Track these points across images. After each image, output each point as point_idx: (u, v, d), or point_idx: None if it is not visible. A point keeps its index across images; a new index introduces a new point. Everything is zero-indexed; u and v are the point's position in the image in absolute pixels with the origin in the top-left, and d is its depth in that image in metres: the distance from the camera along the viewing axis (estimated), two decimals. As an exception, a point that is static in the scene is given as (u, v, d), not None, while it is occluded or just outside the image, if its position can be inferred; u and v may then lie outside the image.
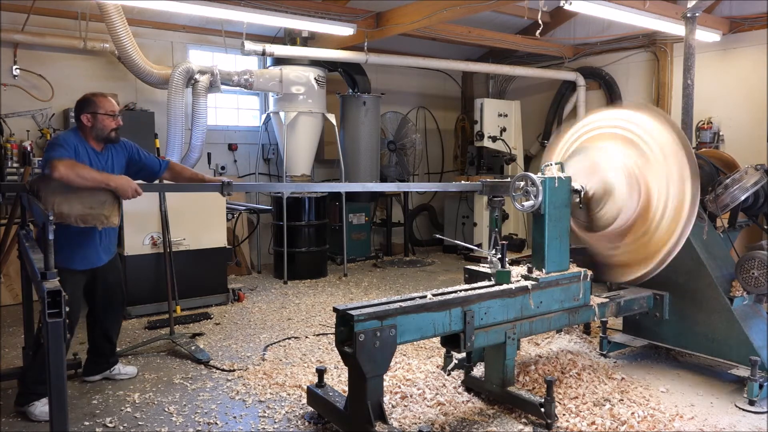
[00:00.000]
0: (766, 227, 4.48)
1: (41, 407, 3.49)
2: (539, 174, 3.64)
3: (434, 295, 3.25)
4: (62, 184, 3.35)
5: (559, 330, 4.88)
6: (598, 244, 4.02)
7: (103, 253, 3.81)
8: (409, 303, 3.10)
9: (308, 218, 7.39)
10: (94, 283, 3.88)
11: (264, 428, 3.41)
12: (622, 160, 3.78)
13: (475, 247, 6.48)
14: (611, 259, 3.96)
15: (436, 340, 3.74)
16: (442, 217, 9.70)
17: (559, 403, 3.55)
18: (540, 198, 3.54)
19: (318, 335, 5.10)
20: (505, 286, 3.46)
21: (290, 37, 7.30)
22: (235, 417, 3.53)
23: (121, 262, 5.30)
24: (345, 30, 6.51)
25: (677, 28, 6.11)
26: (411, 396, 3.73)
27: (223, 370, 4.28)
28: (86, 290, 3.87)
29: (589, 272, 3.79)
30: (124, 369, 4.15)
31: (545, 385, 3.36)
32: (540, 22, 5.32)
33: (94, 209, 3.51)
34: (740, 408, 3.61)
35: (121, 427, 3.41)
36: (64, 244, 3.50)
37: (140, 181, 3.71)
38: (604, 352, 4.46)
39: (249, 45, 6.60)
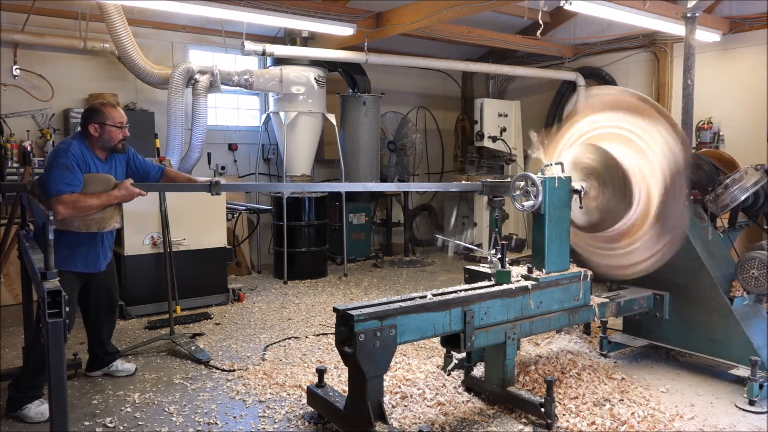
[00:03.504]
0: (766, 227, 4.48)
1: (35, 408, 3.50)
2: (539, 174, 3.64)
3: (434, 295, 3.25)
4: None
5: (559, 330, 4.88)
6: (595, 245, 4.01)
7: (102, 258, 3.83)
8: (409, 303, 3.10)
9: (308, 218, 7.38)
10: (89, 288, 3.90)
11: (264, 428, 3.41)
12: (623, 157, 3.76)
13: (475, 247, 6.48)
14: (611, 259, 3.96)
15: (436, 340, 3.74)
16: (442, 217, 9.70)
17: (559, 403, 3.55)
18: (540, 198, 3.54)
19: (318, 335, 5.10)
20: (505, 286, 3.46)
21: (290, 37, 7.30)
22: (235, 417, 3.53)
23: (121, 262, 5.35)
24: (345, 30, 6.51)
25: (677, 28, 6.11)
26: (411, 396, 3.73)
27: (223, 370, 4.28)
28: (80, 294, 3.88)
29: (589, 272, 3.79)
30: (122, 366, 4.18)
31: (545, 385, 3.36)
32: (540, 22, 5.32)
33: (95, 215, 3.56)
34: (740, 408, 3.61)
35: (121, 427, 3.41)
36: (65, 245, 3.52)
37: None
38: (604, 352, 4.46)
39: (249, 45, 6.60)
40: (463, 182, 6.87)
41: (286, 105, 7.33)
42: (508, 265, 3.60)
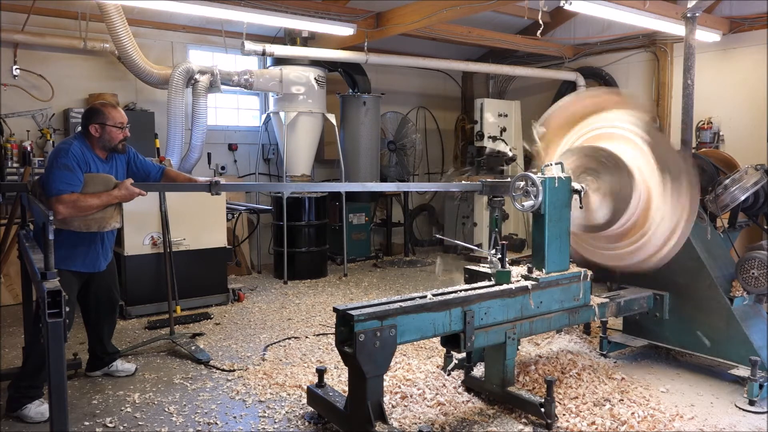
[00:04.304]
0: (766, 227, 4.48)
1: (35, 408, 3.50)
2: (539, 174, 3.64)
3: (434, 295, 3.25)
4: None
5: (559, 330, 4.88)
6: (597, 245, 4.01)
7: (102, 258, 3.83)
8: (409, 303, 3.10)
9: (308, 218, 7.39)
10: (90, 287, 3.90)
11: (264, 428, 3.41)
12: (628, 160, 3.75)
13: (475, 247, 6.48)
14: (608, 260, 3.96)
15: (436, 340, 3.74)
16: (442, 217, 9.70)
17: (559, 403, 3.55)
18: (540, 198, 3.54)
19: (318, 335, 5.10)
20: (505, 286, 3.46)
21: (290, 37, 7.30)
22: (235, 417, 3.53)
23: (121, 262, 5.35)
24: (345, 30, 6.51)
25: (677, 28, 6.12)
26: (411, 396, 3.73)
27: (223, 370, 4.28)
28: (80, 293, 3.88)
29: (589, 272, 3.79)
30: (122, 366, 4.18)
31: (545, 385, 3.36)
32: (540, 22, 5.32)
33: (95, 215, 3.57)
34: (740, 408, 3.61)
35: (121, 427, 3.41)
36: (65, 244, 3.52)
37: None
38: (604, 352, 4.46)
39: (249, 45, 6.60)
40: (463, 182, 6.88)
41: (286, 105, 7.33)
42: (508, 265, 3.60)
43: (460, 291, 3.38)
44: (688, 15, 5.00)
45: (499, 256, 3.60)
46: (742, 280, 3.87)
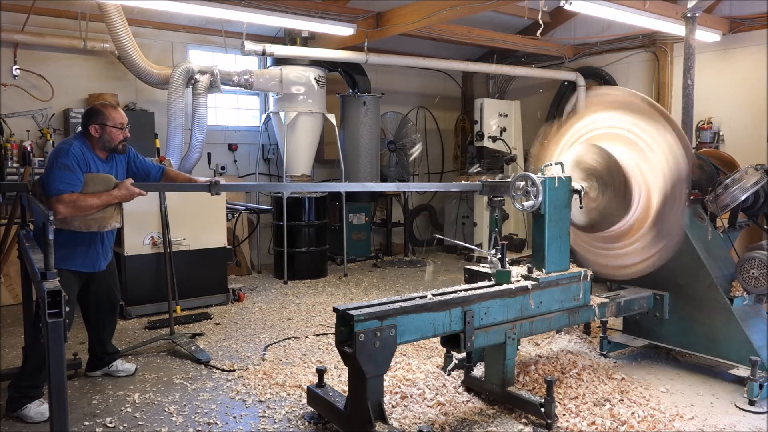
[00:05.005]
0: (766, 227, 4.48)
1: (35, 408, 3.50)
2: (539, 174, 3.64)
3: (434, 295, 3.25)
4: None
5: (559, 330, 4.88)
6: (593, 244, 4.02)
7: (102, 258, 3.84)
8: (409, 303, 3.10)
9: (308, 218, 7.39)
10: (90, 287, 3.91)
11: (264, 428, 3.41)
12: (626, 161, 3.76)
13: (475, 247, 6.48)
14: (606, 259, 3.96)
15: (436, 340, 3.74)
16: (442, 217, 9.70)
17: (559, 403, 3.55)
18: (540, 198, 3.54)
19: (318, 335, 5.10)
20: (505, 286, 3.46)
21: (290, 37, 7.30)
22: (235, 417, 3.53)
23: (121, 262, 5.35)
24: (345, 30, 6.51)
25: (677, 28, 6.11)
26: (411, 396, 3.73)
27: (223, 370, 4.28)
28: (80, 293, 3.88)
29: (589, 272, 3.79)
30: (122, 366, 4.19)
31: (545, 385, 3.36)
32: (540, 22, 5.32)
33: (95, 214, 3.58)
34: (740, 408, 3.61)
35: (121, 427, 3.41)
36: (65, 244, 3.53)
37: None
38: (604, 352, 4.45)
39: (249, 45, 6.60)
40: (463, 182, 6.88)
41: (286, 105, 7.33)
42: (508, 265, 3.60)
43: (460, 291, 3.38)
44: (688, 15, 5.02)
45: (499, 256, 3.60)
46: (742, 280, 3.87)
